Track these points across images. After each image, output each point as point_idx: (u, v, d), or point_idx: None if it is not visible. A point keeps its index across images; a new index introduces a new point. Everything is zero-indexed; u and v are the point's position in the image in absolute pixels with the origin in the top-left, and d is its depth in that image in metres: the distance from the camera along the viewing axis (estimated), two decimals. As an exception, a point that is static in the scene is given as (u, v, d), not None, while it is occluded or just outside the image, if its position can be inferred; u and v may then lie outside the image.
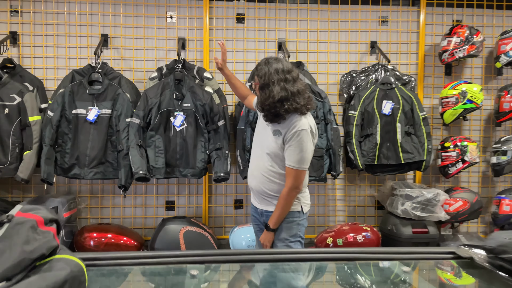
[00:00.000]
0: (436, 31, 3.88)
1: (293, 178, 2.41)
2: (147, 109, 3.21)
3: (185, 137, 3.26)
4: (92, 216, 3.66)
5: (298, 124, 2.40)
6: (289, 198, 2.44)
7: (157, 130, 3.24)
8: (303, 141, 2.38)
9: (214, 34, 3.72)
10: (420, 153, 3.43)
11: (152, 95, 3.25)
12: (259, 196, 2.60)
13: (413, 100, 3.50)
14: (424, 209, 3.40)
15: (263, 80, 2.45)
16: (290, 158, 2.40)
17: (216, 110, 3.29)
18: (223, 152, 3.26)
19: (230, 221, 3.79)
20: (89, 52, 3.61)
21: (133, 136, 3.15)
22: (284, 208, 2.46)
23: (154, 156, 3.22)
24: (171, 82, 3.29)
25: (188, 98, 3.28)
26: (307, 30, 3.78)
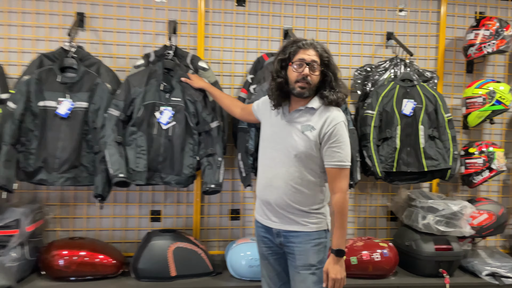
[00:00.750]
0: (457, 23, 3.48)
1: (345, 179, 2.09)
2: (128, 100, 2.69)
3: (171, 137, 2.73)
4: (63, 228, 3.09)
5: (335, 116, 2.10)
6: (347, 205, 2.10)
7: (139, 126, 2.70)
8: (344, 134, 2.10)
9: (210, 17, 3.20)
10: (446, 159, 3.01)
11: (136, 83, 2.71)
12: (279, 213, 2.15)
13: (438, 99, 3.08)
14: (448, 223, 2.99)
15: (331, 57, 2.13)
16: (336, 155, 2.06)
17: (210, 110, 2.79)
18: (216, 160, 2.75)
19: (225, 234, 3.29)
20: (62, 34, 3.03)
21: (111, 131, 2.61)
22: (346, 221, 2.10)
23: (134, 157, 2.69)
24: (159, 71, 2.76)
25: (178, 92, 2.76)
26: (317, 17, 3.31)
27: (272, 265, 2.29)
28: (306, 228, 2.14)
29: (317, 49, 2.08)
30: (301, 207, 2.12)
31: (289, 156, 2.12)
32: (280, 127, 2.19)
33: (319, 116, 2.11)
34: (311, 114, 2.13)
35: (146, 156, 2.69)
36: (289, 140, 2.13)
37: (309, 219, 2.14)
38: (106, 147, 2.59)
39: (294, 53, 2.10)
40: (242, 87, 3.11)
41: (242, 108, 2.62)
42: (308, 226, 2.14)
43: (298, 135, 2.12)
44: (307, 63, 2.05)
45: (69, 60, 2.74)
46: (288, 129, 2.15)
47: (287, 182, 2.12)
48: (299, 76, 2.06)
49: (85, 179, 2.70)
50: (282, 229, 2.17)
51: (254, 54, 3.23)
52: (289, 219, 2.15)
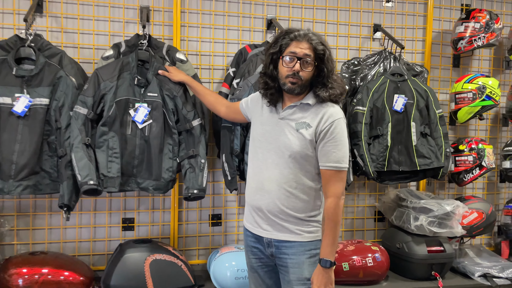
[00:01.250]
0: (444, 16, 3.36)
1: (341, 182, 1.89)
2: (98, 96, 2.37)
3: (147, 137, 2.44)
4: (21, 241, 2.72)
5: (333, 111, 1.91)
6: (340, 212, 1.89)
7: (111, 126, 2.39)
8: (343, 132, 1.91)
9: (187, 4, 2.90)
10: (438, 157, 2.88)
11: (106, 76, 2.39)
12: (271, 220, 1.95)
13: (429, 94, 2.94)
14: (441, 224, 2.86)
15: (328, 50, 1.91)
16: (332, 155, 1.87)
17: (191, 106, 2.50)
18: (198, 162, 2.47)
19: (205, 242, 3.02)
20: (16, 20, 2.65)
21: (78, 132, 2.29)
22: (337, 228, 1.89)
23: (105, 160, 2.37)
24: (132, 63, 2.45)
25: (154, 86, 2.46)
26: (302, 6, 3.09)
27: (262, 278, 2.08)
28: (301, 238, 1.94)
29: (311, 41, 1.86)
30: (295, 213, 1.92)
31: (282, 156, 1.92)
32: (272, 125, 1.98)
33: (315, 112, 1.91)
34: (306, 110, 1.93)
35: (119, 159, 2.38)
36: (283, 139, 1.93)
37: (305, 227, 1.94)
38: (73, 150, 2.26)
39: (286, 45, 1.88)
40: (224, 82, 2.84)
41: (227, 106, 2.38)
42: (303, 236, 1.94)
43: (293, 133, 1.92)
44: (299, 58, 1.85)
45: (26, 50, 2.38)
46: (281, 127, 1.95)
47: (281, 186, 1.91)
48: (290, 72, 1.87)
49: (47, 187, 2.36)
50: (274, 239, 1.96)
51: (236, 45, 2.98)
52: (282, 227, 1.94)
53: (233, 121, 2.43)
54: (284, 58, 1.87)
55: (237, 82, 2.75)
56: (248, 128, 2.52)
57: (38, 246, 2.74)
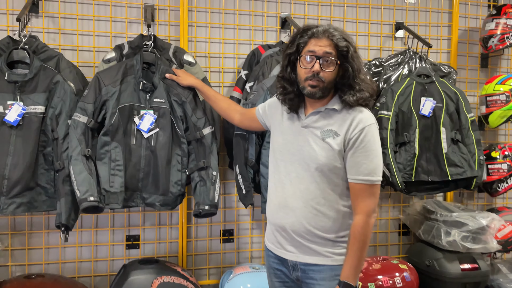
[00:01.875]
0: (470, 12, 3.12)
1: (372, 198, 1.65)
2: (99, 102, 2.12)
3: (154, 147, 2.19)
4: (16, 262, 2.49)
5: (363, 117, 1.67)
6: (369, 231, 1.66)
7: (114, 135, 2.14)
8: (375, 140, 1.67)
9: (195, 2, 2.68)
10: (472, 166, 2.63)
11: (108, 80, 2.15)
12: (296, 241, 1.72)
13: (460, 97, 2.69)
14: (475, 239, 2.61)
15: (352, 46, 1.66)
16: (363, 167, 1.64)
17: (201, 113, 2.25)
18: (210, 174, 2.22)
19: (217, 260, 2.78)
20: (10, 20, 2.43)
21: (77, 142, 2.05)
22: (364, 250, 1.65)
23: (108, 174, 2.12)
24: (137, 66, 2.21)
25: (161, 91, 2.22)
26: (318, 3, 2.86)
27: None
28: (331, 261, 1.70)
29: (332, 37, 1.63)
30: (324, 234, 1.69)
31: (308, 169, 1.69)
32: (294, 135, 1.75)
33: (342, 118, 1.68)
34: (332, 116, 1.70)
35: (122, 172, 2.14)
36: (307, 150, 1.70)
37: (335, 249, 1.70)
38: (71, 162, 2.02)
39: (304, 44, 1.67)
40: (235, 85, 2.62)
41: (241, 113, 2.14)
42: (333, 258, 1.70)
43: (318, 143, 1.68)
44: (318, 57, 1.62)
45: (19, 52, 2.15)
46: (304, 137, 1.72)
47: (307, 203, 1.68)
48: (309, 73, 1.64)
49: (43, 204, 2.12)
50: (299, 262, 1.73)
51: (247, 46, 2.75)
52: (309, 249, 1.70)
53: (248, 129, 2.19)
54: (302, 58, 1.66)
55: (251, 86, 2.52)
56: (263, 136, 2.29)
57: (35, 267, 2.50)
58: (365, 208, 1.64)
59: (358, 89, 1.66)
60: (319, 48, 1.62)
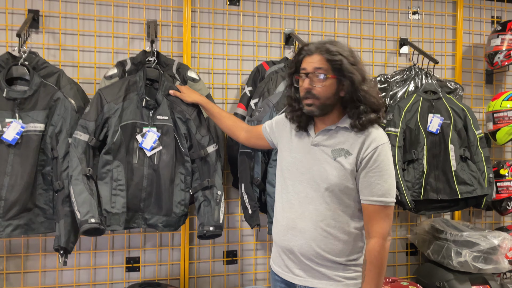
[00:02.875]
0: (474, 29, 3.11)
1: (387, 220, 1.59)
2: (101, 119, 2.05)
3: (157, 166, 2.11)
4: (11, 286, 2.38)
5: (376, 135, 1.61)
6: (386, 255, 1.59)
7: (116, 154, 2.07)
8: (388, 160, 1.61)
9: (198, 18, 2.64)
10: (482, 184, 2.57)
11: (111, 97, 2.08)
12: (305, 265, 1.66)
13: (467, 114, 2.65)
14: (486, 259, 2.54)
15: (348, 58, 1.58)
16: (376, 188, 1.58)
17: (206, 130, 2.19)
18: (214, 194, 2.14)
19: (220, 283, 2.68)
20: (9, 36, 2.38)
21: (77, 162, 1.96)
22: (381, 274, 1.58)
23: (109, 194, 2.04)
24: (140, 82, 2.15)
25: (165, 108, 2.15)
26: (322, 19, 2.83)
27: None
28: (342, 286, 1.63)
29: (323, 52, 1.58)
30: (335, 257, 1.62)
31: (318, 190, 1.63)
32: (303, 153, 1.70)
33: (354, 137, 1.62)
34: (344, 135, 1.64)
35: (124, 192, 2.05)
36: (318, 169, 1.64)
37: (346, 273, 1.64)
38: (72, 182, 1.93)
39: (300, 63, 1.66)
40: (239, 102, 2.56)
41: (247, 131, 2.08)
42: (344, 283, 1.63)
43: (329, 162, 1.62)
44: (307, 74, 1.61)
45: (18, 68, 2.08)
46: (314, 155, 1.66)
47: (317, 224, 1.62)
48: (302, 92, 1.63)
49: (41, 226, 2.03)
50: (309, 286, 1.65)
51: (251, 62, 2.71)
52: (318, 272, 1.63)
53: (253, 147, 2.13)
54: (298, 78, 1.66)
55: (255, 103, 2.47)
56: (269, 154, 2.23)
57: (31, 291, 2.40)
58: (380, 230, 1.57)
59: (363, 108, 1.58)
60: (309, 64, 1.60)
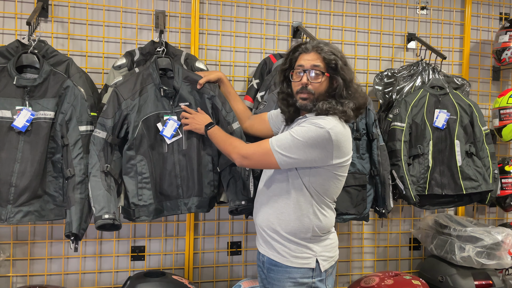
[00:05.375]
0: (482, 25, 3.10)
1: (256, 149, 1.75)
2: (119, 117, 2.05)
3: (186, 151, 2.13)
4: (17, 273, 2.41)
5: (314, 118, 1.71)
6: (228, 147, 1.85)
7: (138, 149, 2.08)
8: (304, 133, 1.65)
9: (206, 9, 2.64)
10: (487, 180, 2.58)
11: (127, 94, 2.07)
12: (262, 235, 1.83)
13: (474, 110, 2.66)
14: (489, 254, 2.55)
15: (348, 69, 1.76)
16: (278, 136, 1.73)
17: (229, 107, 2.19)
18: (242, 170, 2.15)
19: (224, 273, 2.70)
20: (18, 24, 2.39)
21: (96, 159, 1.98)
22: (223, 145, 1.89)
23: (136, 188, 2.07)
24: (154, 73, 2.13)
25: (185, 92, 2.15)
26: (330, 12, 2.83)
27: None
28: (286, 261, 1.73)
29: (320, 51, 1.72)
30: (283, 232, 1.74)
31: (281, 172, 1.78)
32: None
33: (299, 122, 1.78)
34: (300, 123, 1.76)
35: (150, 185, 2.09)
36: None
37: (292, 251, 1.74)
38: (90, 179, 1.97)
39: (295, 59, 1.80)
40: (246, 94, 2.56)
41: (251, 119, 2.18)
42: (288, 260, 1.73)
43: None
44: (305, 70, 1.72)
45: (28, 56, 2.09)
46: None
47: (270, 197, 1.79)
48: (299, 86, 1.74)
49: (51, 213, 2.04)
50: (266, 257, 1.80)
51: (259, 54, 2.71)
52: (271, 245, 1.77)
53: (255, 134, 2.16)
54: (293, 73, 1.78)
55: (262, 95, 2.48)
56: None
57: (37, 278, 2.42)
58: (246, 149, 1.77)
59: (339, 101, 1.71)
60: (307, 62, 1.72)
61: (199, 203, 2.17)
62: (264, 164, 1.75)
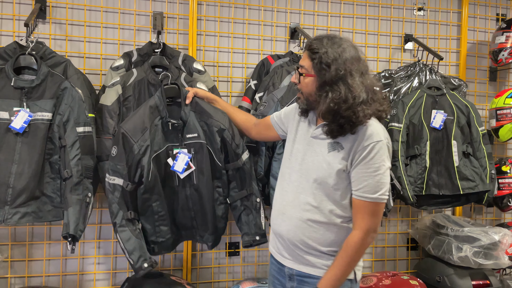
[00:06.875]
0: (479, 26, 3.12)
1: (370, 215, 1.58)
2: (132, 161, 1.93)
3: (197, 185, 2.03)
4: (16, 274, 2.41)
5: (373, 131, 1.58)
6: (362, 249, 1.60)
7: (152, 190, 1.99)
8: (380, 158, 1.56)
9: (204, 11, 2.65)
10: (484, 180, 2.59)
11: (138, 135, 1.94)
12: (291, 249, 1.70)
13: (471, 110, 2.67)
14: (486, 254, 2.56)
15: (335, 69, 1.54)
16: (363, 183, 1.57)
17: (239, 137, 2.07)
18: (253, 201, 2.09)
19: (222, 274, 2.70)
20: (16, 26, 2.39)
21: (117, 207, 1.93)
22: (351, 265, 1.61)
23: (153, 226, 2.03)
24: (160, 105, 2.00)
25: (193, 124, 2.03)
26: (328, 14, 2.84)
27: None
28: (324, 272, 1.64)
29: (309, 49, 1.61)
30: (319, 246, 1.64)
31: (308, 180, 1.66)
32: (304, 144, 1.71)
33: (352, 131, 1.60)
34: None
35: (167, 221, 2.05)
36: (312, 160, 1.66)
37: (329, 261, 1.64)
38: (117, 230, 1.95)
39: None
40: (244, 95, 2.58)
41: (255, 124, 2.09)
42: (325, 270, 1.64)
43: (324, 155, 1.63)
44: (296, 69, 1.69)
45: (26, 58, 2.10)
46: (313, 147, 1.68)
47: (303, 214, 1.65)
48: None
49: (49, 214, 2.04)
50: (295, 270, 1.69)
51: (256, 56, 2.72)
52: (303, 258, 1.67)
53: (264, 139, 2.15)
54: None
55: (260, 96, 2.49)
56: (274, 148, 2.26)
57: (35, 279, 2.42)
58: (363, 225, 1.57)
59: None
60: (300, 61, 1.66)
61: (214, 241, 2.13)
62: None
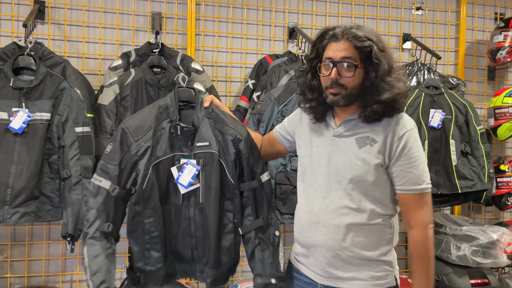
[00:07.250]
0: (477, 25, 3.12)
1: (423, 207, 1.46)
2: (127, 162, 1.57)
3: (203, 205, 1.63)
4: (15, 274, 2.42)
5: (404, 122, 1.48)
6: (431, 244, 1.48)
7: (146, 202, 1.59)
8: (417, 145, 1.48)
9: (202, 11, 2.66)
10: (482, 179, 2.60)
11: (139, 133, 1.59)
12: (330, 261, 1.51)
13: (469, 109, 2.67)
14: (485, 253, 2.56)
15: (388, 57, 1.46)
16: (409, 175, 1.45)
17: (259, 154, 1.70)
18: (271, 235, 1.67)
19: (221, 273, 2.71)
20: (15, 26, 2.40)
21: (95, 215, 1.55)
22: (432, 266, 1.49)
23: (142, 249, 1.62)
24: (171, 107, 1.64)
25: (205, 131, 1.65)
26: (326, 13, 2.85)
27: None
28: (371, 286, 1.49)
29: (351, 38, 1.43)
30: (362, 251, 1.48)
31: (342, 181, 1.49)
32: (325, 146, 1.55)
33: (381, 123, 1.48)
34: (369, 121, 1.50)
35: (160, 245, 1.62)
36: (342, 160, 1.50)
37: (376, 271, 1.49)
38: (87, 242, 1.55)
39: (323, 49, 1.50)
40: (242, 95, 2.59)
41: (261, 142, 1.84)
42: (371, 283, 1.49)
43: (354, 152, 1.49)
44: (335, 63, 1.44)
45: (25, 58, 2.10)
46: (338, 146, 1.52)
47: (341, 218, 1.48)
48: (328, 81, 1.47)
49: (48, 214, 2.05)
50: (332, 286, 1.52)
51: (255, 55, 2.73)
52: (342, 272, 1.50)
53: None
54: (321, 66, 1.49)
55: (258, 95, 2.50)
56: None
57: (35, 279, 2.43)
58: (420, 219, 1.46)
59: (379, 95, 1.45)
60: (335, 53, 1.45)
61: (215, 277, 1.66)
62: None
